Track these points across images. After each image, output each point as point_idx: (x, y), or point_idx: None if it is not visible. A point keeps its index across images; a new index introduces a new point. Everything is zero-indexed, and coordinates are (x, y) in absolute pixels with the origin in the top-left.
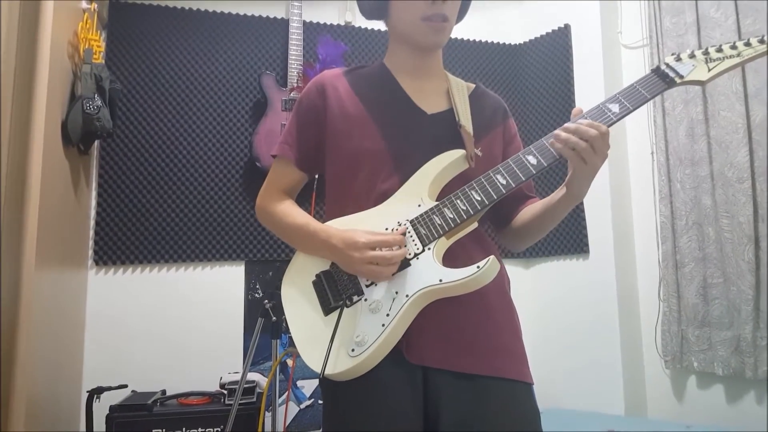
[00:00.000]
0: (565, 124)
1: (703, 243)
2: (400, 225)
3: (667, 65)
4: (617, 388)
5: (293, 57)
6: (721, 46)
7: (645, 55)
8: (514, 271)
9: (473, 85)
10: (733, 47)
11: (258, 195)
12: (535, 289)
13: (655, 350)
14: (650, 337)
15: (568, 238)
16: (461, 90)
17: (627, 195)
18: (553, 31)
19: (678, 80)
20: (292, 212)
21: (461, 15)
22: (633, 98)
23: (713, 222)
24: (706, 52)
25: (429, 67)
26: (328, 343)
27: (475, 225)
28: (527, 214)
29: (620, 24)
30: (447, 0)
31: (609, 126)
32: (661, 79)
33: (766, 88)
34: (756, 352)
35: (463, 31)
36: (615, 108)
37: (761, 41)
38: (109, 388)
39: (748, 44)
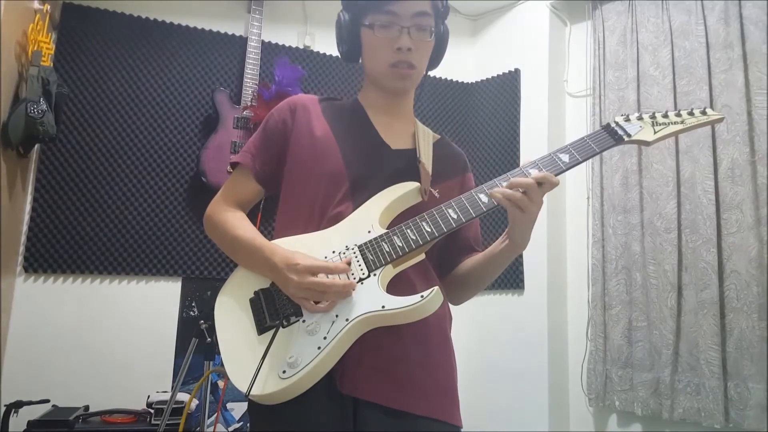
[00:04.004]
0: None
1: (631, 287)
2: (347, 248)
3: (617, 123)
4: (542, 422)
5: (249, 76)
6: (667, 112)
7: (588, 105)
8: None
9: (438, 136)
10: (678, 115)
11: (209, 203)
12: (471, 320)
13: (580, 387)
14: (576, 374)
15: (505, 273)
16: (427, 135)
17: (563, 236)
18: (504, 73)
19: (626, 138)
20: (241, 224)
21: (434, 63)
22: (583, 151)
23: (641, 268)
24: (653, 116)
25: (399, 109)
26: (259, 362)
27: (423, 257)
28: (469, 263)
29: (567, 73)
30: (413, 49)
31: (558, 174)
32: (610, 136)
33: (695, 146)
34: (673, 395)
35: None
36: (565, 158)
37: (703, 112)
38: (29, 403)
39: (691, 114)
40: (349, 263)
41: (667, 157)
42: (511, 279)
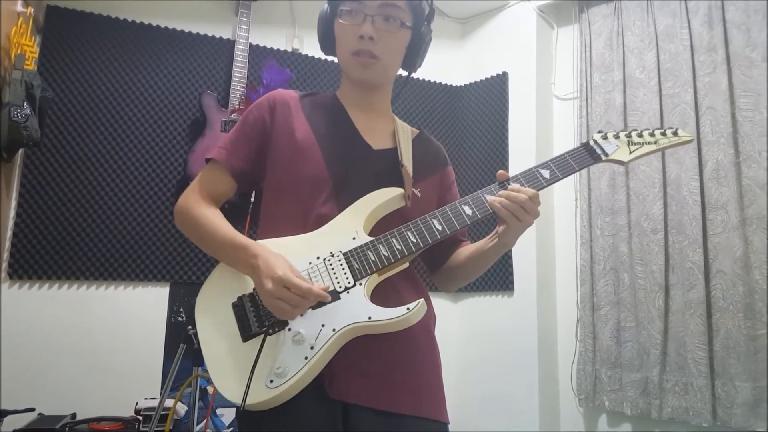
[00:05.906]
0: (500, 191)
1: (619, 288)
2: (332, 255)
3: (595, 142)
4: (533, 422)
5: (237, 79)
6: (642, 131)
7: (575, 107)
8: (443, 304)
9: (417, 131)
10: (652, 135)
11: (181, 195)
12: (462, 322)
13: (570, 388)
14: (566, 375)
15: (495, 275)
16: (406, 133)
17: (551, 238)
18: (492, 76)
19: (603, 157)
20: (220, 222)
21: (412, 63)
22: (563, 168)
23: (628, 269)
24: (629, 135)
25: (376, 105)
26: (249, 373)
27: (407, 265)
28: (460, 257)
29: (554, 76)
30: (375, 39)
31: (538, 190)
32: (589, 154)
33: (680, 147)
34: (662, 394)
35: None
36: (546, 174)
37: (674, 133)
38: (14, 411)
39: (664, 134)
40: (326, 290)
41: (653, 158)
42: (501, 281)
